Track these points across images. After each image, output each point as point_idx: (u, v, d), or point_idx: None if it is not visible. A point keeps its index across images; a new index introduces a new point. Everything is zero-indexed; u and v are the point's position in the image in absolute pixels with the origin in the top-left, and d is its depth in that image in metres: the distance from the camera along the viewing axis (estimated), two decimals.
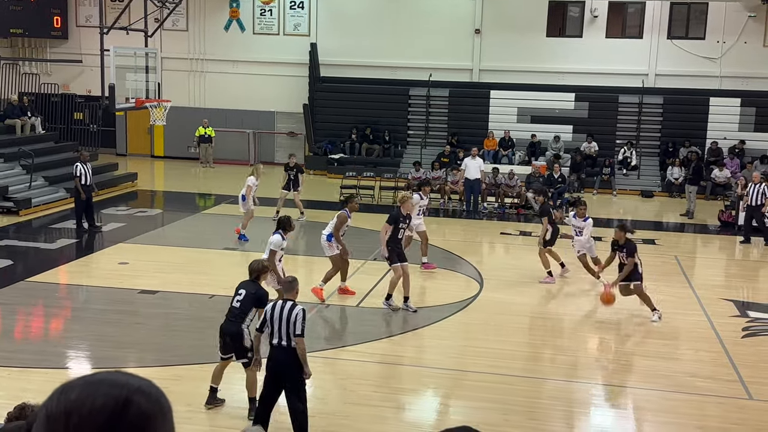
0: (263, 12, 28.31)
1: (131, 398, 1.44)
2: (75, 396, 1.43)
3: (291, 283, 8.08)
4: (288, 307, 7.74)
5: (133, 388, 1.46)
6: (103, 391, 1.44)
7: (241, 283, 8.74)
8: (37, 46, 29.21)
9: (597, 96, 26.39)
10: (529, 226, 19.59)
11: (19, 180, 20.13)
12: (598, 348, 11.76)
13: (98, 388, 1.44)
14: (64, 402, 1.43)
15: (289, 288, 8.03)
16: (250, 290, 8.52)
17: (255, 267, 8.72)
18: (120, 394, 1.43)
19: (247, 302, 8.47)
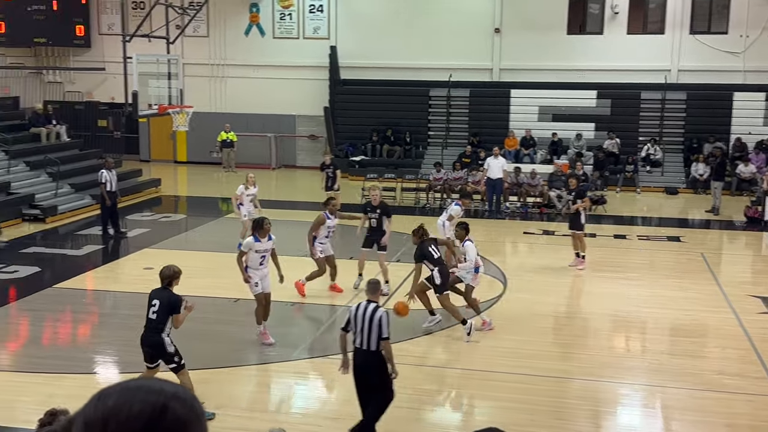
0: (283, 16, 28.43)
1: (167, 404, 1.46)
2: (112, 403, 1.45)
3: (375, 285, 8.15)
4: (371, 309, 7.79)
5: (168, 394, 1.48)
6: (140, 397, 1.46)
7: (153, 292, 8.64)
8: (61, 55, 29.52)
9: (619, 93, 26.22)
10: (552, 225, 19.50)
11: (46, 188, 20.36)
12: (624, 347, 11.69)
13: (135, 394, 1.47)
14: (101, 408, 1.45)
15: (374, 290, 8.07)
16: (163, 299, 8.47)
17: (166, 273, 8.64)
18: (157, 401, 1.46)
19: (162, 312, 8.43)
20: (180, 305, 8.49)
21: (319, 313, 12.77)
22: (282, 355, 10.76)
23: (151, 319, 8.47)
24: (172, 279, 8.62)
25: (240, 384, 9.90)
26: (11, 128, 22.36)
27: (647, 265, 15.98)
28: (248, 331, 11.37)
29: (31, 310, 12.73)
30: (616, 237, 18.32)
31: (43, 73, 28.96)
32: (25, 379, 9.68)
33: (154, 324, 8.46)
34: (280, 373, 10.23)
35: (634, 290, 13.92)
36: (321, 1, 28.10)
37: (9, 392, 9.40)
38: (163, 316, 8.44)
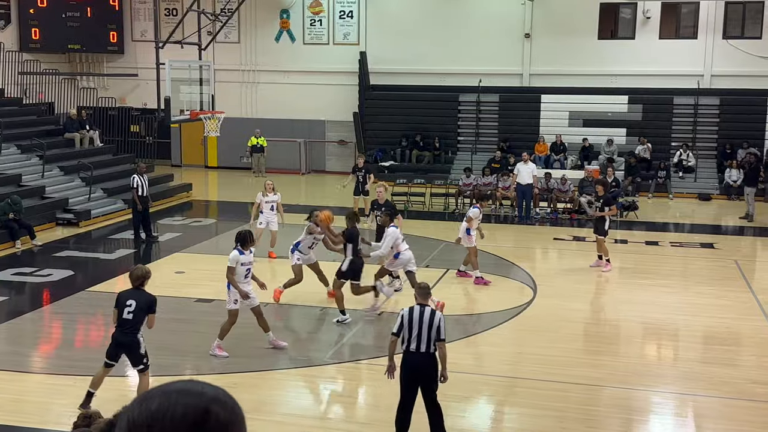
0: (313, 22, 28.58)
1: (210, 408, 1.48)
2: (156, 406, 1.47)
3: (426, 289, 8.19)
4: (428, 313, 7.86)
5: (210, 397, 1.50)
6: (183, 401, 1.48)
7: (126, 293, 8.72)
8: (95, 61, 29.93)
9: (651, 98, 25.99)
10: (583, 231, 19.36)
11: (79, 192, 20.63)
12: (655, 354, 11.57)
13: (177, 398, 1.48)
14: (145, 412, 1.47)
15: (425, 294, 8.12)
16: (140, 300, 8.59)
17: (138, 274, 8.77)
18: (199, 404, 1.48)
19: (139, 312, 8.55)
20: (155, 304, 8.67)
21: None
22: (311, 359, 10.80)
23: (127, 320, 8.58)
24: (144, 279, 8.75)
25: (268, 388, 9.94)
26: (46, 133, 22.71)
27: (680, 272, 15.81)
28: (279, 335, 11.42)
29: (64, 313, 12.91)
30: (648, 243, 18.14)
31: (77, 79, 29.37)
32: (59, 382, 9.81)
33: (130, 324, 8.59)
34: (309, 378, 10.27)
35: (666, 297, 13.78)
36: (351, 7, 28.21)
37: (43, 394, 9.54)
38: (140, 316, 8.58)
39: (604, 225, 15.30)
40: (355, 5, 28.14)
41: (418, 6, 27.60)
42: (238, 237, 10.70)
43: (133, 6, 29.64)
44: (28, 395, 9.55)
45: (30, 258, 16.27)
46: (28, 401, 9.37)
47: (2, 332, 11.86)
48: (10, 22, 26.78)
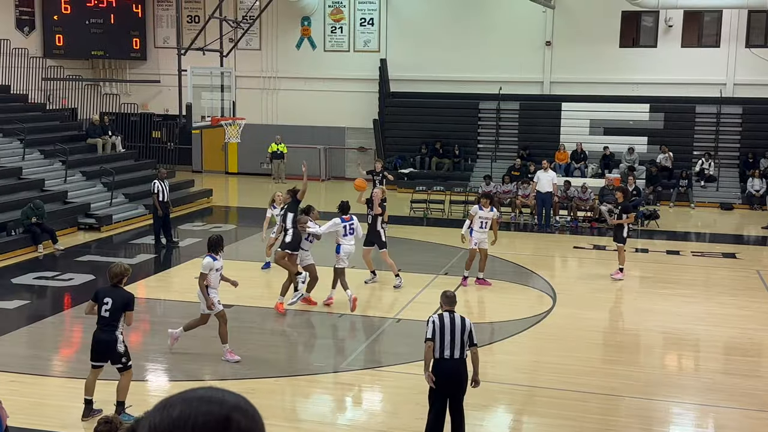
0: (334, 29, 28.68)
1: (231, 416, 1.49)
2: (177, 413, 1.48)
3: (453, 297, 8.17)
4: (459, 319, 7.88)
5: (231, 405, 1.51)
6: (204, 408, 1.48)
7: (102, 290, 8.85)
8: (118, 68, 30.20)
9: (673, 106, 25.83)
10: (603, 240, 19.25)
11: (101, 197, 20.79)
12: (676, 365, 11.46)
13: (199, 405, 1.49)
14: (167, 419, 1.48)
15: (452, 301, 8.11)
16: (117, 298, 8.65)
17: (116, 271, 8.81)
18: (220, 412, 1.48)
19: (116, 310, 8.61)
20: (133, 302, 8.71)
21: (366, 325, 12.78)
22: (330, 366, 10.80)
23: (104, 317, 8.66)
24: (122, 277, 8.81)
25: (286, 394, 9.96)
26: (69, 139, 22.92)
27: (701, 282, 15.68)
28: (296, 341, 11.44)
29: (84, 317, 12.97)
30: (669, 252, 18.01)
31: (100, 85, 29.65)
32: (78, 385, 9.86)
33: (107, 321, 8.66)
34: (328, 385, 10.26)
35: (688, 307, 13.66)
36: (372, 15, 28.29)
37: (63, 398, 9.61)
38: (117, 313, 8.63)
39: (622, 232, 15.23)
40: (376, 13, 28.22)
41: (438, 13, 27.62)
42: (211, 243, 10.54)
43: (156, 13, 29.90)
44: (48, 398, 9.63)
45: (52, 262, 16.41)
46: (48, 405, 9.44)
47: (23, 336, 11.97)
48: (34, 28, 27.10)
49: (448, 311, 7.98)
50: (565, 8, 26.64)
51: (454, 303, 8.11)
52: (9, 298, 13.61)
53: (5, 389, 9.09)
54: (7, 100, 23.77)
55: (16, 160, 20.54)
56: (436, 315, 8.00)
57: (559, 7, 26.64)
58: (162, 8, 29.83)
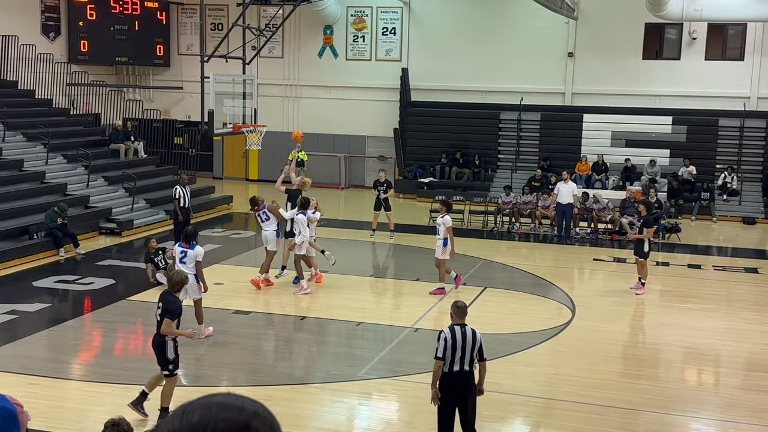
0: (356, 38, 28.77)
1: (250, 423, 1.49)
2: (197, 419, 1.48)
3: (463, 308, 8.08)
4: (470, 332, 7.80)
5: (249, 412, 1.51)
6: (223, 415, 1.49)
7: (161, 295, 9.09)
8: (141, 74, 30.45)
9: (696, 119, 25.64)
10: (624, 253, 19.12)
11: (122, 202, 20.95)
12: (696, 380, 11.35)
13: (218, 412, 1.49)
14: (186, 425, 1.49)
15: (463, 313, 8.02)
16: (165, 303, 8.84)
17: (177, 279, 9.04)
18: (239, 419, 1.49)
19: (163, 315, 8.80)
20: (173, 313, 8.79)
21: (384, 333, 12.76)
22: (347, 374, 10.79)
23: (158, 321, 8.88)
24: (181, 285, 9.01)
25: (304, 402, 9.95)
26: (92, 144, 23.12)
27: (723, 297, 15.52)
28: (313, 349, 11.45)
29: (104, 321, 13.09)
30: (690, 266, 17.86)
31: (123, 91, 29.91)
32: (97, 389, 9.94)
33: (159, 326, 8.85)
34: (345, 393, 10.25)
35: (708, 322, 13.53)
36: (394, 24, 28.35)
37: (82, 401, 9.66)
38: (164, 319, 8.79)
39: (643, 247, 15.07)
40: (398, 22, 28.28)
41: (460, 23, 27.63)
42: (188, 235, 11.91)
43: (180, 20, 30.14)
44: (66, 402, 9.69)
45: (73, 266, 16.54)
46: (67, 408, 9.50)
47: (44, 339, 12.06)
48: (59, 34, 27.39)
49: (459, 324, 7.89)
50: (588, 19, 26.57)
51: (465, 314, 8.02)
52: (30, 301, 13.73)
53: (25, 392, 9.15)
54: (31, 105, 24.04)
55: (40, 165, 20.75)
56: (447, 329, 7.85)
57: (582, 19, 26.57)
58: (186, 16, 30.07)
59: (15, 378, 10.02)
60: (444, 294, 14.38)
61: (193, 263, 11.67)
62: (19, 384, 9.67)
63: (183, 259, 11.80)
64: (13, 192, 18.86)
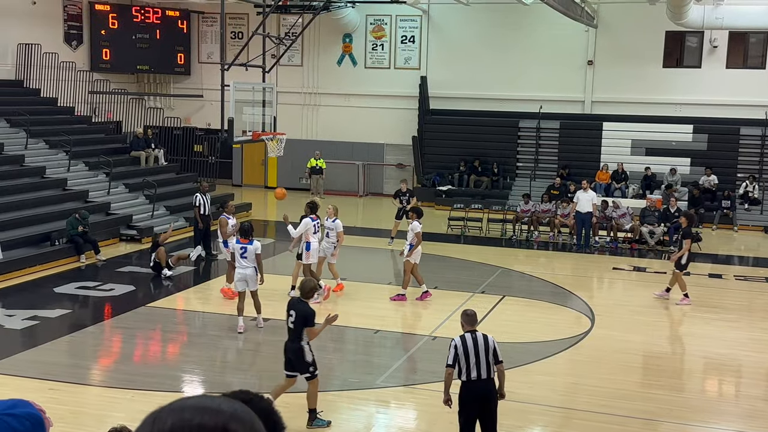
0: (375, 47, 28.85)
1: (227, 426, 1.38)
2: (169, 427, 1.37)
3: (473, 315, 8.11)
4: (481, 338, 7.81)
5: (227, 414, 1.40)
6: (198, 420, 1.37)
7: (291, 302, 9.21)
8: (162, 82, 30.70)
9: (717, 128, 25.46)
10: (643, 262, 19.01)
11: (143, 209, 21.09)
12: (717, 390, 11.24)
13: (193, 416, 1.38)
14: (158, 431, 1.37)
15: (473, 320, 8.04)
16: (299, 312, 8.94)
17: (310, 286, 9.18)
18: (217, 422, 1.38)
19: (298, 323, 8.91)
20: (313, 318, 8.96)
21: (402, 342, 12.76)
22: (364, 382, 10.79)
23: (290, 329, 9.03)
24: (314, 291, 9.19)
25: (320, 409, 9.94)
26: (113, 151, 23.31)
27: (744, 307, 15.38)
28: (332, 356, 11.46)
29: (124, 327, 13.17)
30: (711, 276, 17.72)
31: (144, 99, 30.14)
32: (117, 395, 10.00)
33: (293, 332, 9.00)
34: (362, 401, 10.25)
35: (730, 332, 13.41)
36: (413, 32, 28.41)
37: (102, 407, 9.72)
38: (299, 326, 8.93)
39: (681, 258, 14.89)
40: (417, 30, 28.33)
41: (479, 32, 27.63)
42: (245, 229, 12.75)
43: (201, 29, 30.37)
44: (86, 407, 9.75)
45: (93, 272, 16.67)
46: (87, 413, 9.57)
47: (64, 345, 12.16)
48: (82, 42, 27.68)
49: (470, 331, 7.89)
50: (608, 27, 26.50)
51: (475, 322, 8.03)
52: (51, 307, 13.85)
53: (45, 397, 9.23)
54: (54, 113, 24.29)
55: (62, 172, 20.95)
56: (458, 337, 7.88)
57: (602, 27, 26.50)
58: (207, 24, 30.29)
59: (36, 383, 10.11)
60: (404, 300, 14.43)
61: (253, 257, 12.38)
62: (40, 389, 9.75)
63: (244, 254, 12.38)
64: (36, 199, 19.06)
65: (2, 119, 21.70)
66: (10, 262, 15.95)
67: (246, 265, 12.45)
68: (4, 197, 18.36)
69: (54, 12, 26.41)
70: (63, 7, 26.77)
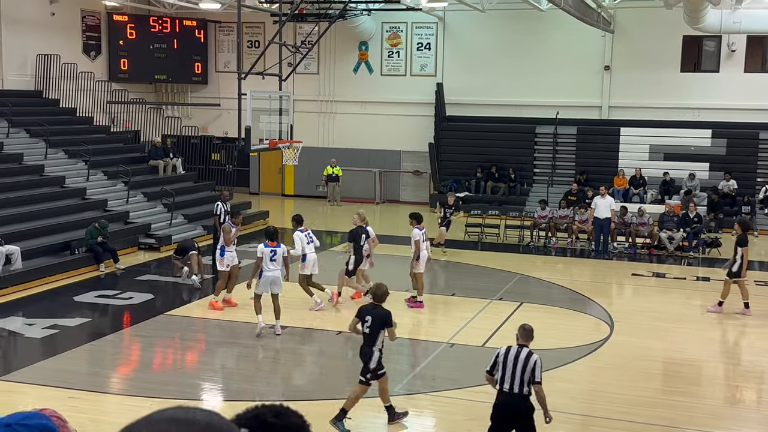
0: (391, 54, 28.90)
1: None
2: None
3: (530, 331, 8.04)
4: (524, 354, 7.77)
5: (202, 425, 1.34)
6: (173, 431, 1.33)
7: (364, 309, 9.37)
8: (179, 91, 30.89)
9: (736, 132, 25.29)
10: (663, 268, 18.88)
11: (161, 218, 21.20)
12: (740, 397, 11.13)
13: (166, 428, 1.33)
14: None
15: (528, 336, 7.98)
16: (376, 316, 9.15)
17: (384, 291, 9.37)
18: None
19: (375, 327, 9.11)
20: (391, 318, 9.22)
21: (419, 350, 12.73)
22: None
23: (366, 334, 9.23)
24: (384, 296, 9.38)
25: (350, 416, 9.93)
26: (131, 161, 23.46)
27: (764, 312, 15.21)
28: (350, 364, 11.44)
29: (143, 335, 13.23)
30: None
31: (162, 108, 30.35)
32: (136, 403, 10.03)
33: (368, 338, 9.22)
34: (381, 408, 10.22)
35: (749, 337, 13.29)
36: (428, 39, 28.44)
37: (121, 415, 9.76)
38: (376, 331, 9.15)
39: (733, 266, 14.69)
40: (433, 37, 28.36)
41: (495, 38, 27.62)
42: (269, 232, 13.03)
43: (218, 38, 30.56)
44: (106, 416, 9.79)
45: (113, 281, 16.77)
46: (106, 422, 9.60)
47: (84, 353, 12.23)
48: (100, 53, 27.92)
49: (519, 345, 7.86)
50: (625, 32, 26.40)
51: (528, 338, 7.95)
52: (71, 315, 13.94)
53: (65, 405, 9.28)
54: (73, 123, 24.51)
55: (81, 181, 21.11)
56: (505, 347, 7.91)
57: (619, 32, 26.41)
58: (223, 34, 30.47)
59: (56, 392, 10.17)
60: (422, 307, 14.33)
61: (281, 260, 12.65)
62: (60, 398, 9.81)
63: (273, 257, 12.54)
64: (55, 208, 19.21)
65: (22, 129, 21.91)
66: (30, 271, 16.08)
67: (273, 268, 12.60)
68: (25, 207, 18.53)
69: (73, 23, 26.67)
70: (81, 18, 27.03)
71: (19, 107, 22.53)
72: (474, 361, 12.31)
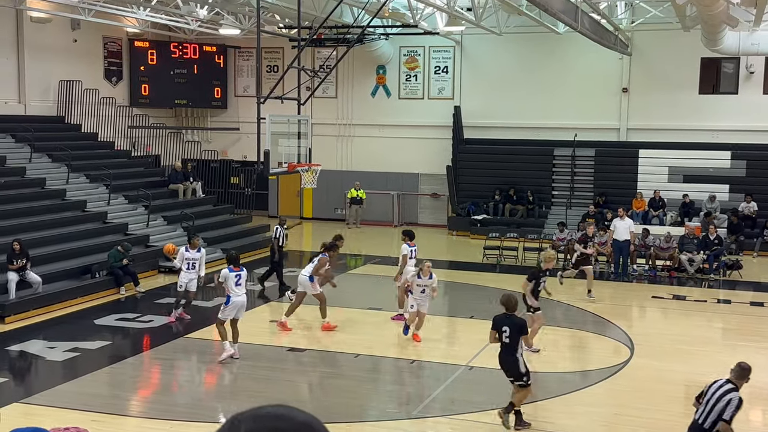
0: (408, 77, 29.07)
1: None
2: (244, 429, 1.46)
3: (747, 370, 7.92)
4: (725, 388, 7.72)
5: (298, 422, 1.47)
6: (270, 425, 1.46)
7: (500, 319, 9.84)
8: (199, 116, 31.20)
9: (755, 154, 25.15)
10: (683, 290, 18.74)
11: (181, 241, 21.28)
12: (761, 419, 11.00)
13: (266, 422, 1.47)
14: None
15: (739, 375, 7.87)
16: (512, 325, 9.71)
17: (515, 302, 10.02)
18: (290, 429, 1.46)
19: (514, 334, 9.66)
20: (526, 326, 9.95)
21: (438, 372, 12.68)
22: (402, 412, 10.74)
23: (506, 343, 9.74)
24: (516, 306, 9.98)
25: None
26: (152, 185, 23.67)
27: None
28: (370, 386, 11.43)
29: (163, 358, 13.29)
30: (752, 304, 17.39)
31: (182, 133, 30.63)
32: (155, 426, 10.07)
33: (509, 346, 9.72)
34: (399, 431, 10.19)
35: None
36: (446, 63, 28.58)
37: None
38: (515, 338, 9.66)
39: None
40: (450, 61, 28.50)
41: (512, 61, 27.71)
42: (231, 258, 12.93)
43: (237, 63, 30.88)
44: None
45: (133, 304, 16.87)
46: None
47: (105, 376, 12.29)
48: (121, 78, 28.29)
49: (727, 380, 7.83)
50: (642, 55, 26.42)
51: (742, 377, 7.83)
52: (91, 338, 14.03)
53: (87, 428, 9.32)
54: (95, 147, 24.79)
55: (102, 205, 21.31)
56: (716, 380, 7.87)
57: (636, 54, 26.43)
58: (243, 59, 30.79)
59: (77, 414, 10.22)
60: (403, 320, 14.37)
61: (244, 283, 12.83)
62: (82, 421, 9.85)
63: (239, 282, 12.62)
64: (77, 232, 19.39)
65: (44, 154, 22.19)
66: (51, 295, 16.22)
67: (240, 293, 12.65)
68: (46, 231, 18.72)
69: (94, 49, 27.06)
70: (103, 45, 27.43)
71: (42, 132, 22.84)
72: (493, 384, 12.26)
